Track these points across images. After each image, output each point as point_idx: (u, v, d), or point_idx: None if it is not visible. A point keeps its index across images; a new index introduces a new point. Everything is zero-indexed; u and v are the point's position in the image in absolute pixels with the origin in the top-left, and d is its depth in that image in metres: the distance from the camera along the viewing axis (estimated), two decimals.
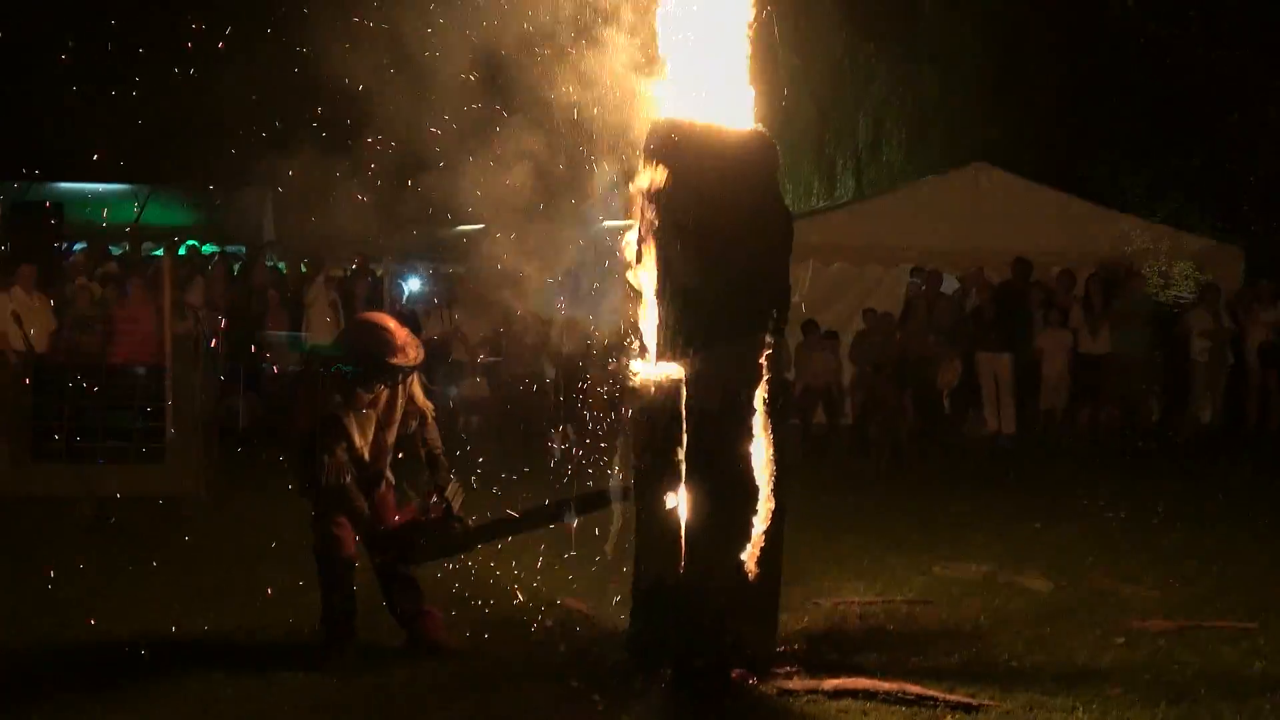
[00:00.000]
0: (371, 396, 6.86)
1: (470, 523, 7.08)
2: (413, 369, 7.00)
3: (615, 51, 7.15)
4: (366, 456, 6.91)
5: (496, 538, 7.52)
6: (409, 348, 6.85)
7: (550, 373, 16.84)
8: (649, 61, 7.04)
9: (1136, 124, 29.47)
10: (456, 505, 6.96)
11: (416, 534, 6.95)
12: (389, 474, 7.15)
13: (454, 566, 8.16)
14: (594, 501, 7.29)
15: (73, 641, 7.37)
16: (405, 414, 7.09)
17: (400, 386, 6.99)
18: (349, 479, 6.73)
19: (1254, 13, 26.61)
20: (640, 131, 6.89)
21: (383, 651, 7.01)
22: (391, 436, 7.06)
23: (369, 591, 7.09)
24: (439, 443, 7.25)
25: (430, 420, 7.25)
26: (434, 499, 7.02)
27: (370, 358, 6.78)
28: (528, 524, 7.52)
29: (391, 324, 6.93)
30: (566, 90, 7.27)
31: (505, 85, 7.56)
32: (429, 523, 6.96)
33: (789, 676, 6.58)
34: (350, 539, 6.92)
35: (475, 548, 7.34)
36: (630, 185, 6.97)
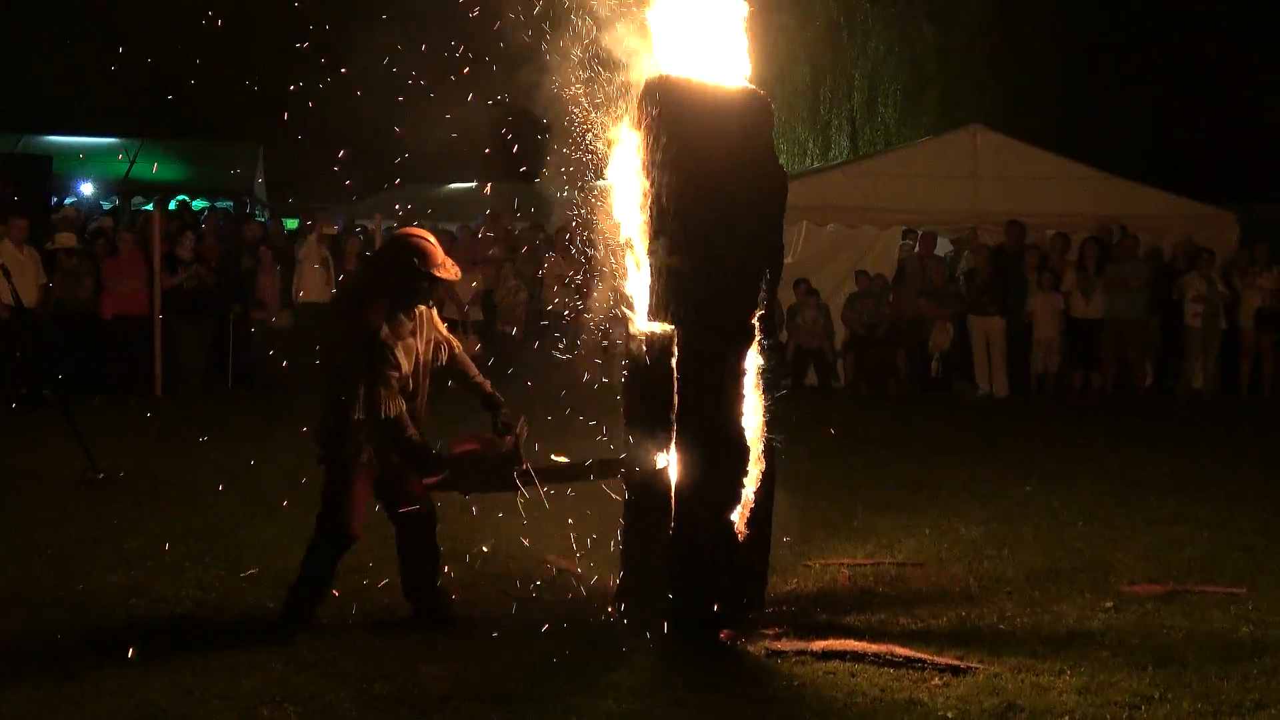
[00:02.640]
0: (412, 324, 6.66)
1: (526, 466, 6.88)
2: (452, 283, 6.91)
3: (610, 6, 7.06)
4: (411, 386, 6.69)
5: (549, 483, 7.35)
6: (448, 263, 6.72)
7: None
8: (644, 17, 6.96)
9: (1133, 88, 29.40)
10: (523, 441, 6.84)
11: (476, 464, 6.80)
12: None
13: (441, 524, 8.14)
14: (644, 464, 7.02)
15: (50, 595, 7.30)
16: (434, 346, 6.87)
17: (427, 315, 6.80)
18: (403, 410, 6.53)
19: None
20: (634, 88, 6.82)
21: (371, 610, 6.99)
22: (424, 375, 6.81)
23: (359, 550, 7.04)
24: (484, 379, 7.05)
25: (461, 353, 7.05)
26: (502, 435, 6.83)
27: (414, 270, 6.59)
28: (580, 475, 7.29)
29: (431, 236, 6.81)
30: (559, 45, 7.19)
31: (498, 40, 7.48)
32: (494, 456, 6.79)
33: (777, 638, 6.58)
34: (361, 512, 6.68)
35: (524, 489, 7.22)
36: (624, 143, 6.91)
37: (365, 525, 6.76)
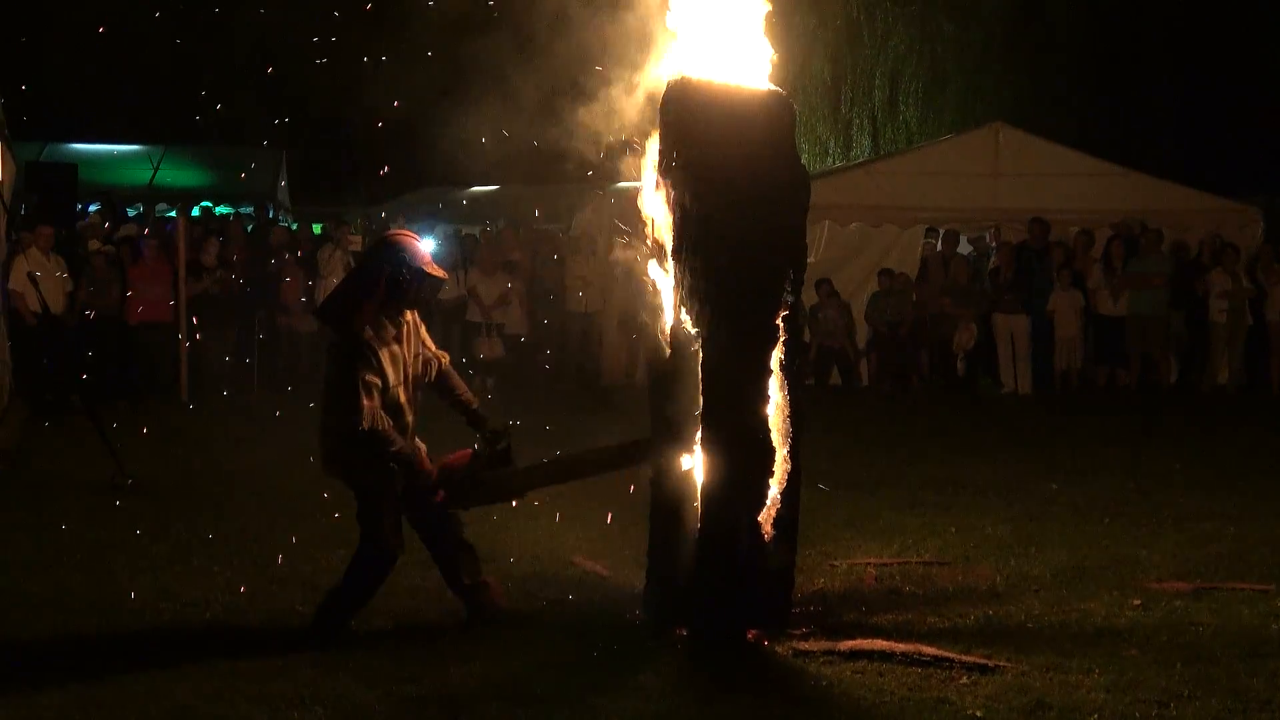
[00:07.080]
0: (396, 331, 6.55)
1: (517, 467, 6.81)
2: (441, 283, 6.83)
3: (632, 9, 7.09)
4: (401, 399, 6.58)
5: (550, 482, 7.27)
6: (435, 263, 6.69)
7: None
8: (665, 20, 6.98)
9: (1155, 83, 29.28)
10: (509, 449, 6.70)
11: (471, 477, 6.69)
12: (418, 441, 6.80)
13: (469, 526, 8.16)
14: (645, 450, 6.94)
15: (80, 600, 7.33)
16: (423, 361, 6.75)
17: (414, 327, 6.70)
18: (386, 424, 6.39)
19: None
20: (656, 91, 6.84)
21: (399, 611, 7.02)
22: (412, 389, 6.69)
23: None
24: (473, 396, 6.92)
25: (449, 368, 6.92)
26: (490, 445, 6.70)
27: (405, 266, 6.48)
28: (582, 468, 7.24)
29: (418, 238, 6.80)
30: (582, 48, 7.21)
31: (518, 44, 7.51)
32: (485, 465, 6.67)
33: (805, 638, 6.57)
34: (399, 527, 6.62)
35: (528, 492, 7.10)
36: (646, 145, 6.92)
37: (404, 536, 6.73)
